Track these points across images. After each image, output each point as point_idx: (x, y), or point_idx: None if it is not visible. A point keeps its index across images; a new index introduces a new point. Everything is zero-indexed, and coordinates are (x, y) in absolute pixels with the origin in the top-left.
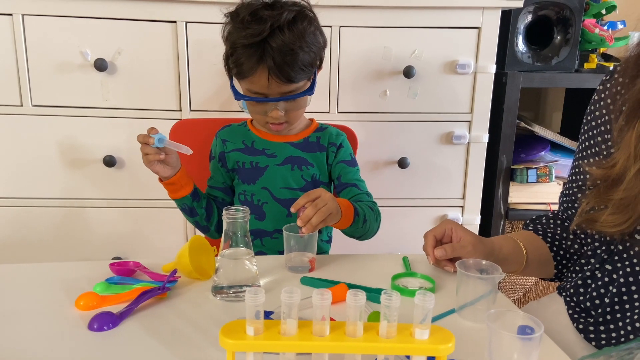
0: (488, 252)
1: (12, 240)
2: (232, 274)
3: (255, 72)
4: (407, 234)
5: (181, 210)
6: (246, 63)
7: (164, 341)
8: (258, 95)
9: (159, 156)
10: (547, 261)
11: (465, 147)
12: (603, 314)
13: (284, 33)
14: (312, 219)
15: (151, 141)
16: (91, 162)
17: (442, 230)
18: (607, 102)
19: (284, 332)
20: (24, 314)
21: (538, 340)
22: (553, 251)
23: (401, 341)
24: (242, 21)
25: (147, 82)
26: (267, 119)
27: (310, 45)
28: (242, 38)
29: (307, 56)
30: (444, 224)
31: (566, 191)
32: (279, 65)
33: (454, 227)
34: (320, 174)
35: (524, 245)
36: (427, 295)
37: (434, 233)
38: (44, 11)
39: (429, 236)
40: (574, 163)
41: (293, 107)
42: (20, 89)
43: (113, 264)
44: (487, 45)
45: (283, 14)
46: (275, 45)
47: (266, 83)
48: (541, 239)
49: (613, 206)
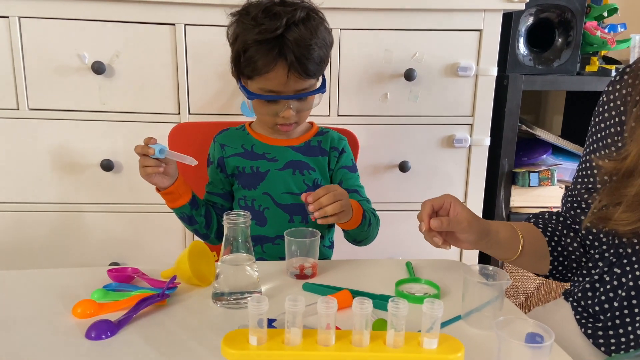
0: (483, 232)
1: (8, 245)
2: (233, 280)
3: (273, 68)
4: (409, 239)
5: (180, 218)
6: (262, 59)
7: (163, 350)
8: (272, 93)
9: (158, 169)
10: (543, 255)
11: (466, 150)
12: (612, 319)
13: (299, 29)
14: (327, 208)
15: (151, 152)
16: (88, 166)
17: (441, 202)
18: (617, 103)
19: (288, 341)
20: (20, 321)
21: (548, 349)
22: (551, 246)
23: (409, 351)
24: (254, 18)
25: (146, 85)
26: (277, 120)
27: (323, 41)
28: (256, 35)
29: (321, 52)
30: (444, 196)
31: (571, 191)
32: (298, 59)
33: (454, 201)
34: (321, 178)
35: (522, 234)
36: (436, 303)
37: (432, 202)
38: (41, 14)
39: (426, 205)
40: (581, 165)
41: (304, 107)
42: (16, 93)
43: (111, 270)
44: (489, 48)
45: (297, 10)
46: (293, 40)
47: (284, 79)
48: (540, 232)
49: (626, 203)
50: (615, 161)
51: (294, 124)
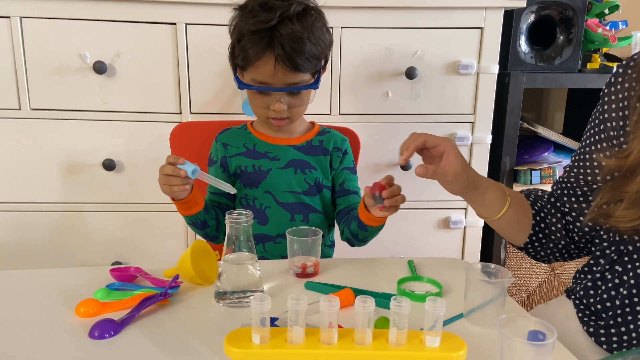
0: (469, 187)
1: (10, 245)
2: (235, 279)
3: (261, 58)
4: (410, 237)
5: (192, 224)
6: (253, 49)
7: (166, 349)
8: (262, 85)
9: (185, 187)
10: (523, 226)
11: (468, 148)
12: (614, 317)
13: (293, 23)
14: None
15: (183, 173)
16: (90, 166)
17: (436, 143)
18: (619, 97)
19: (290, 340)
20: (23, 321)
21: (551, 346)
22: (535, 220)
23: (411, 349)
24: (250, 10)
25: (147, 84)
26: (269, 113)
27: (318, 38)
28: (250, 25)
29: (314, 48)
30: (442, 139)
31: (564, 180)
32: (287, 52)
33: (450, 148)
34: (323, 177)
35: (510, 199)
36: (438, 301)
37: (426, 138)
38: (42, 14)
39: (419, 138)
40: (577, 157)
41: (296, 102)
42: (18, 93)
43: (114, 269)
44: (490, 46)
45: (292, 5)
46: (284, 33)
47: (272, 70)
48: (529, 205)
49: (628, 200)
50: (618, 158)
51: (287, 120)
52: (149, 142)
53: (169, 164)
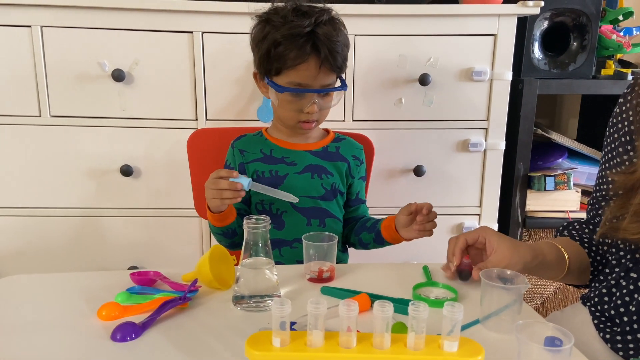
0: (526, 261)
1: (30, 249)
2: (253, 284)
3: (306, 61)
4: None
5: (222, 234)
6: (294, 52)
7: (187, 351)
8: (300, 87)
9: (238, 200)
10: (586, 268)
11: (481, 154)
12: (629, 323)
13: (327, 26)
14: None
15: (239, 186)
16: (108, 171)
17: (475, 236)
18: (629, 114)
19: (310, 343)
20: (46, 324)
21: (568, 353)
22: (591, 257)
23: (430, 353)
24: (283, 17)
25: (164, 92)
26: (300, 116)
27: (346, 41)
28: (286, 30)
29: (345, 50)
30: (479, 230)
31: (592, 200)
32: (331, 53)
33: (489, 235)
34: (339, 183)
35: (566, 251)
36: (456, 306)
37: (466, 237)
38: (62, 23)
39: (460, 239)
40: (599, 174)
41: (326, 104)
42: (39, 100)
43: (134, 273)
44: (503, 52)
45: (323, 11)
46: (323, 36)
47: (315, 72)
48: (579, 245)
49: (631, 213)
50: (625, 175)
51: (315, 122)
52: (166, 148)
53: (222, 177)
